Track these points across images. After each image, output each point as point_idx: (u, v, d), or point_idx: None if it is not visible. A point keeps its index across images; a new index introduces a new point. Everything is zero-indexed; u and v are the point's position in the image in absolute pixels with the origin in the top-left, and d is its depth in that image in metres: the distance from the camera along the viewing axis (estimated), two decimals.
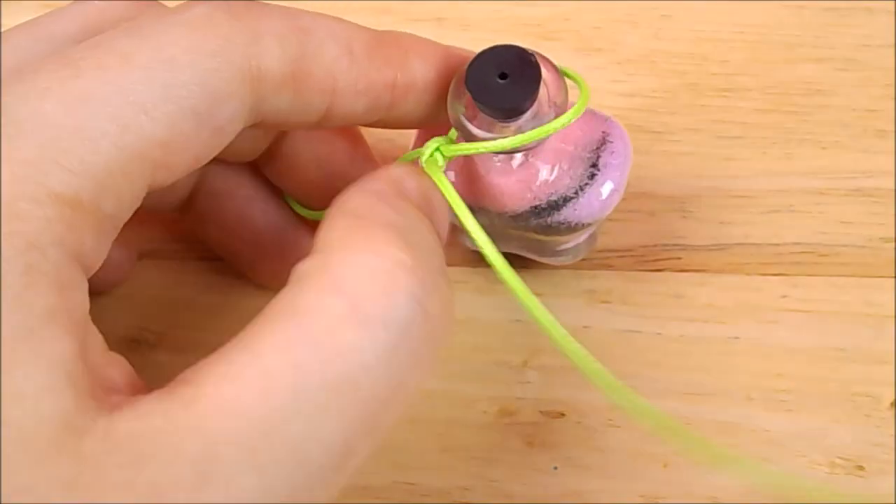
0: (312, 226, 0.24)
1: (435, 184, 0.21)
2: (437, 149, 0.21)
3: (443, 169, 0.22)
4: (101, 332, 0.18)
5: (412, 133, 0.25)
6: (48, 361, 0.16)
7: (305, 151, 0.24)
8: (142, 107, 0.17)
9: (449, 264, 0.28)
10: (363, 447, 0.17)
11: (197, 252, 0.28)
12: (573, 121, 0.21)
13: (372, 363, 0.17)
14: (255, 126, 0.20)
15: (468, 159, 0.23)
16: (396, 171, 0.20)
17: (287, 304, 0.17)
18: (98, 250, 0.18)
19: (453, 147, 0.21)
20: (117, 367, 0.17)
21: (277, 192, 0.26)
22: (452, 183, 0.21)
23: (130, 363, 0.18)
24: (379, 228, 0.18)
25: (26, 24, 0.21)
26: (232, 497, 0.16)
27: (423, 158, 0.21)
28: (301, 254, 0.22)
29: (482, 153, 0.22)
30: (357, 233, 0.18)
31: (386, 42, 0.21)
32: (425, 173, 0.21)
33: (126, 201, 0.18)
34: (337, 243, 0.18)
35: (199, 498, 0.15)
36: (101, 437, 0.15)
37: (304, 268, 0.18)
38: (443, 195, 0.21)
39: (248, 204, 0.25)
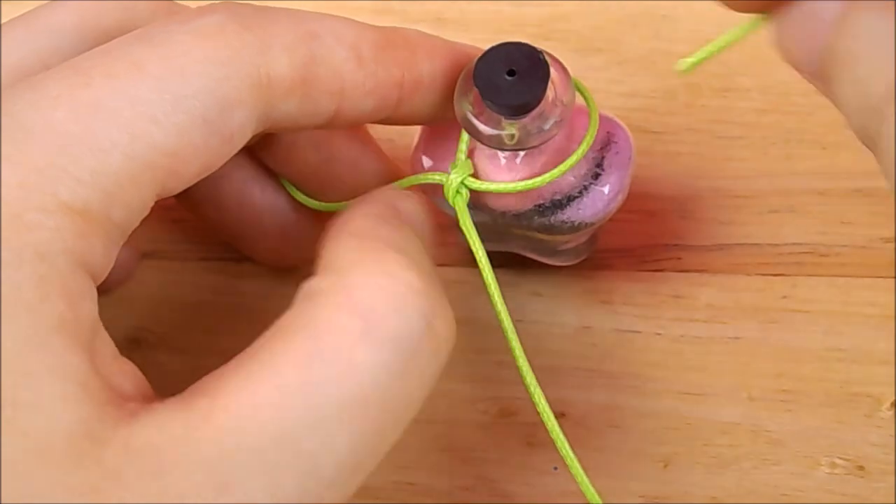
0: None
1: (420, 207, 0.21)
2: (462, 183, 0.22)
3: (465, 201, 0.22)
4: None
5: (412, 134, 0.25)
6: (62, 372, 0.16)
7: (303, 135, 0.24)
8: (152, 116, 0.17)
9: (449, 264, 0.28)
10: (372, 460, 0.18)
11: (197, 252, 0.28)
12: (574, 116, 0.21)
13: (384, 381, 0.17)
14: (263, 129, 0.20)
15: (472, 158, 0.23)
16: (390, 194, 0.21)
17: (303, 321, 0.18)
18: (107, 258, 0.18)
19: (476, 183, 0.22)
20: (128, 374, 0.18)
21: (275, 173, 0.26)
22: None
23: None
24: (389, 251, 0.18)
25: (23, 16, 0.21)
26: None
27: (451, 195, 0.22)
28: (300, 232, 0.22)
29: (486, 152, 0.22)
30: (368, 254, 0.18)
31: (393, 41, 0.21)
32: (414, 196, 0.22)
33: (135, 210, 0.18)
34: (349, 264, 0.18)
35: None
36: (121, 447, 0.16)
37: (316, 286, 0.18)
38: (426, 218, 0.22)
39: (246, 185, 0.25)
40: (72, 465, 0.15)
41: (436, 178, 0.22)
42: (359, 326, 0.17)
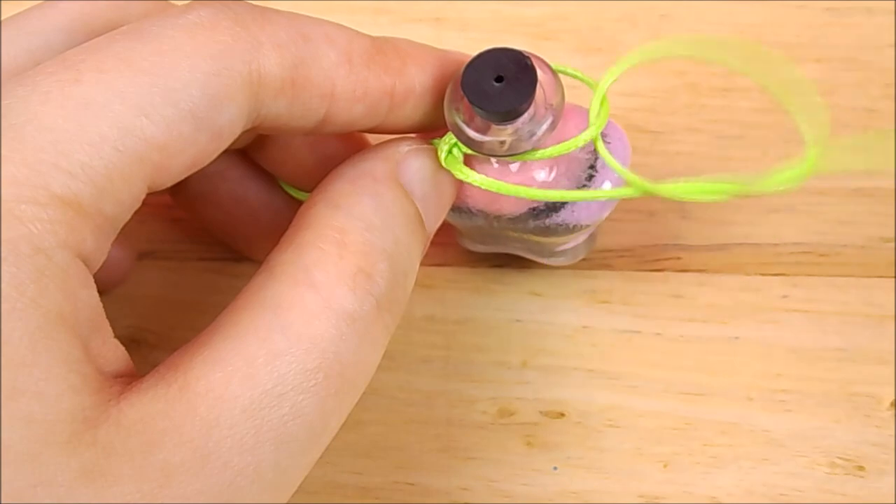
0: None
1: (440, 167, 0.22)
2: (455, 144, 0.22)
3: (459, 162, 0.22)
4: None
5: None
6: (64, 361, 0.16)
7: (298, 136, 0.24)
8: (142, 110, 0.17)
9: (448, 264, 0.28)
10: (337, 423, 0.19)
11: (197, 252, 0.28)
12: (569, 116, 0.21)
13: (343, 351, 0.19)
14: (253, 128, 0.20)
15: (465, 163, 0.23)
16: (400, 149, 0.22)
17: (264, 295, 0.19)
18: (99, 251, 0.18)
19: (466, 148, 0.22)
20: (119, 355, 0.18)
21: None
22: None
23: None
24: (349, 227, 0.20)
25: (15, 16, 0.21)
26: (228, 477, 0.17)
27: (443, 157, 0.22)
28: None
29: (480, 158, 0.22)
30: (328, 231, 0.19)
31: (384, 49, 0.21)
32: (434, 154, 0.22)
33: (126, 203, 0.18)
34: (309, 239, 0.19)
35: (200, 479, 0.17)
36: (113, 425, 0.16)
37: (278, 258, 0.19)
38: (447, 180, 0.22)
39: (242, 183, 0.25)
40: (73, 448, 0.16)
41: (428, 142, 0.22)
42: (318, 302, 0.19)
